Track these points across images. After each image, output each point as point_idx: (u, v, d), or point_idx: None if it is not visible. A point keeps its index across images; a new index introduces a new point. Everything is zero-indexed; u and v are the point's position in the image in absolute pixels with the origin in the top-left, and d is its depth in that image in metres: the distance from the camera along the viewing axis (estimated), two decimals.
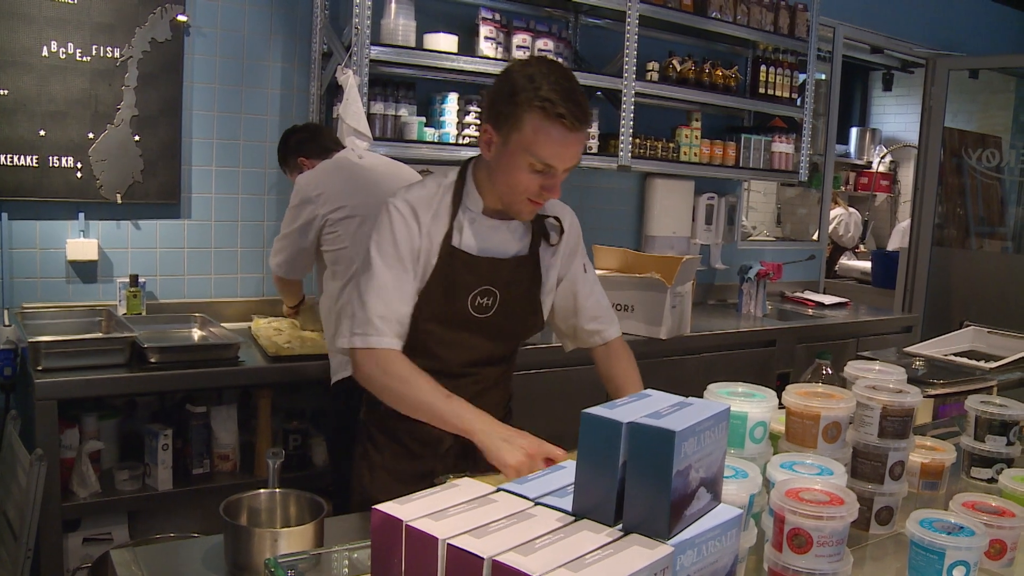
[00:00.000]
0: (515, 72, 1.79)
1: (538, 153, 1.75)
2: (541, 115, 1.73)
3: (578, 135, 1.77)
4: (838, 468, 1.38)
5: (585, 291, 2.10)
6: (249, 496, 1.75)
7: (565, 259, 2.08)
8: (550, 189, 1.81)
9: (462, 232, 1.91)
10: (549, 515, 1.08)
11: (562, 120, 1.72)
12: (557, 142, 1.75)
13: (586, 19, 4.22)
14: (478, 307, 1.93)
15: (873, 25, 5.65)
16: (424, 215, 1.89)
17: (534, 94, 1.73)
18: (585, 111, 1.76)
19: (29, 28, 3.00)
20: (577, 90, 1.76)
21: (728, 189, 4.96)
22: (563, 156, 1.77)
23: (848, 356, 4.29)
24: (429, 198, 1.91)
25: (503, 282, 1.94)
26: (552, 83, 1.74)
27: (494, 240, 1.93)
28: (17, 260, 3.11)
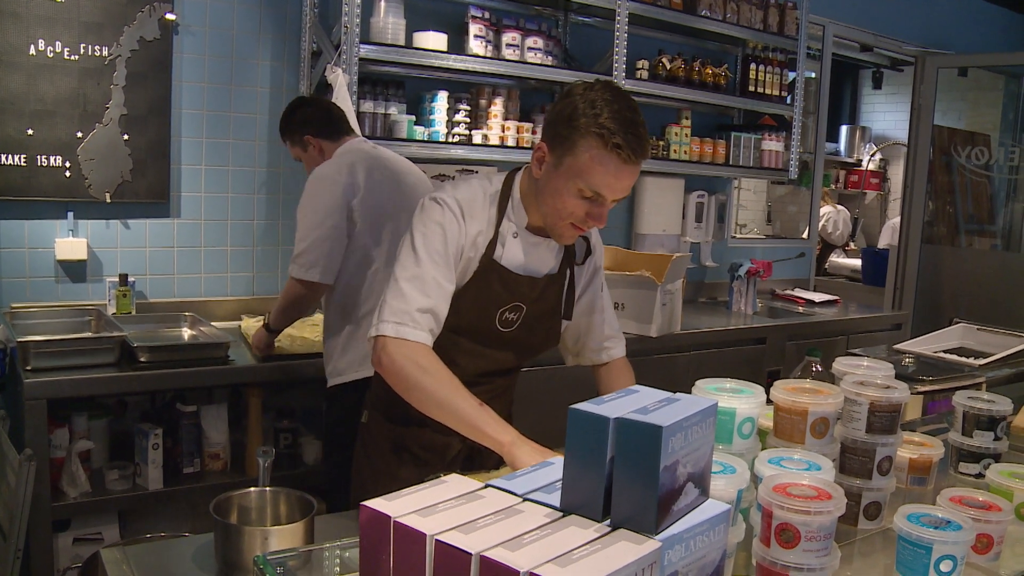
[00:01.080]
0: (577, 95, 1.74)
1: (590, 181, 1.71)
2: (598, 143, 1.68)
3: (632, 167, 1.72)
4: (826, 463, 1.39)
5: (600, 312, 2.10)
6: (239, 495, 1.75)
7: (588, 277, 2.07)
8: (597, 218, 1.77)
9: (504, 246, 1.87)
10: (537, 511, 1.08)
11: (619, 151, 1.68)
12: (611, 172, 1.70)
13: (576, 17, 4.22)
14: (504, 322, 1.91)
15: (863, 23, 5.67)
16: (471, 219, 1.85)
17: (593, 120, 1.68)
18: (643, 143, 1.72)
19: (17, 26, 2.99)
20: (639, 121, 1.72)
21: (718, 187, 4.97)
22: (615, 188, 1.73)
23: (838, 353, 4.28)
24: (477, 203, 1.86)
25: (532, 299, 1.92)
26: (614, 112, 1.69)
27: (533, 257, 1.91)
28: (6, 260, 3.10)
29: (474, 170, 4.03)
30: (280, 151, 3.56)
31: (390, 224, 2.77)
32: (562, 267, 1.97)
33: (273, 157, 3.56)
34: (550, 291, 1.95)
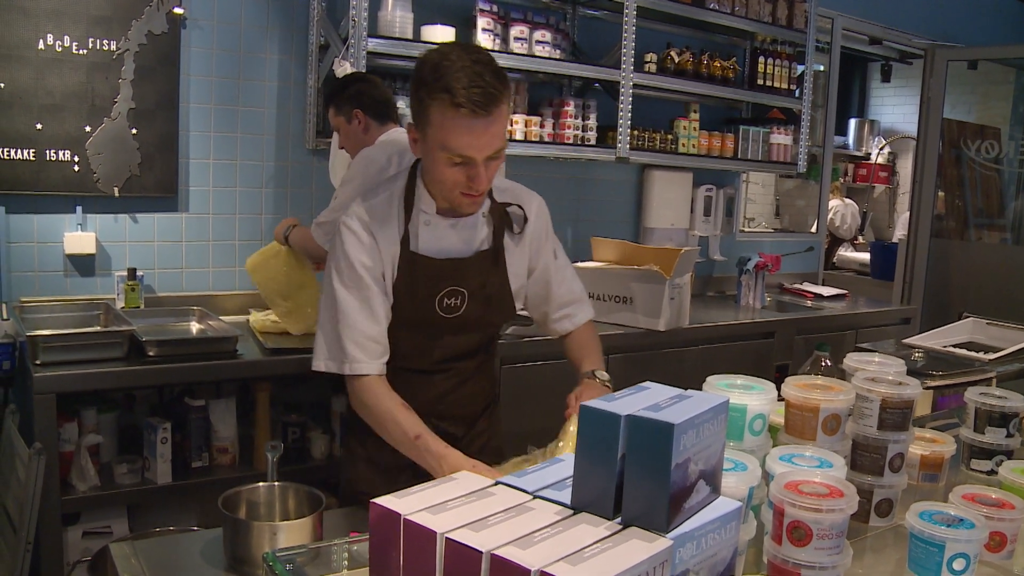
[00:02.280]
0: (422, 62, 1.72)
1: (449, 145, 1.68)
2: (443, 105, 1.65)
3: (485, 121, 1.66)
4: (838, 460, 1.38)
5: (558, 278, 2.09)
6: (248, 489, 1.76)
7: (534, 247, 2.03)
8: (475, 179, 1.73)
9: (418, 236, 1.87)
10: (548, 508, 1.08)
11: (462, 108, 1.63)
12: (465, 131, 1.66)
13: (584, 10, 4.20)
14: (446, 308, 1.91)
15: (871, 16, 5.63)
16: (377, 227, 1.85)
17: (436, 83, 1.65)
18: (489, 93, 1.64)
19: (26, 21, 2.99)
20: (484, 71, 1.66)
21: (726, 181, 4.95)
22: (475, 146, 1.68)
23: (847, 348, 4.28)
24: (381, 208, 1.87)
25: (469, 280, 1.91)
26: (456, 69, 1.65)
27: (452, 240, 1.89)
28: (15, 254, 3.10)
29: None
30: (288, 144, 3.57)
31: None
32: (495, 240, 1.94)
33: (281, 151, 3.56)
34: (487, 268, 1.93)
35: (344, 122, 2.91)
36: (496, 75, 1.69)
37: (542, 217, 2.06)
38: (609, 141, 3.99)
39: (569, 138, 3.86)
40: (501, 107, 1.69)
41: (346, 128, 2.92)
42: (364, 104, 2.88)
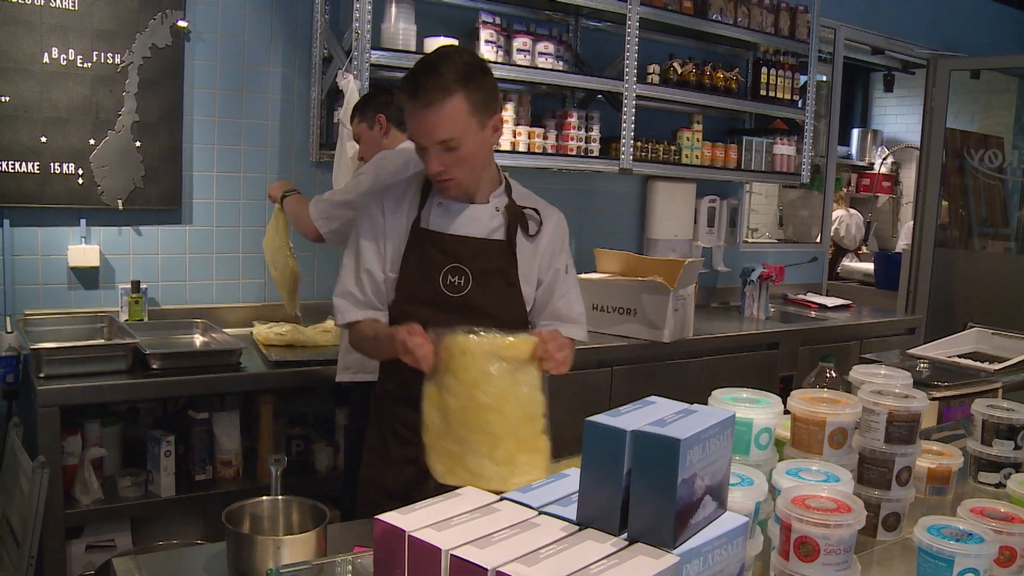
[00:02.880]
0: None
1: (409, 131, 1.92)
2: (402, 95, 1.88)
3: (427, 108, 1.81)
4: (844, 474, 1.37)
5: (561, 291, 2.12)
6: (251, 503, 1.75)
7: (547, 257, 2.09)
8: (427, 163, 1.91)
9: (431, 215, 2.02)
10: (553, 524, 1.08)
11: (410, 97, 1.84)
12: (412, 117, 1.87)
13: (587, 22, 4.21)
14: (450, 286, 1.99)
15: (874, 26, 5.64)
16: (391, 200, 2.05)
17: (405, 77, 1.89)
18: (428, 81, 1.80)
19: (30, 35, 3.00)
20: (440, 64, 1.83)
21: (730, 191, 4.95)
22: (419, 132, 1.86)
23: (852, 358, 4.28)
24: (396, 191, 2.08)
25: (472, 260, 1.99)
26: (420, 63, 1.89)
27: (464, 220, 2.01)
28: (19, 267, 3.10)
29: None
30: (292, 157, 3.57)
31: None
32: (508, 234, 2.03)
33: (284, 163, 3.56)
34: (493, 255, 2.02)
35: (366, 128, 2.92)
36: (452, 69, 1.83)
37: (560, 231, 2.13)
38: (612, 152, 3.99)
39: (572, 150, 3.86)
40: (446, 98, 1.82)
41: (367, 134, 2.93)
42: (389, 111, 2.90)
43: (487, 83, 1.92)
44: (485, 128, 1.92)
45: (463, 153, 1.88)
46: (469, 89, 1.84)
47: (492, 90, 1.94)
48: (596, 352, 3.54)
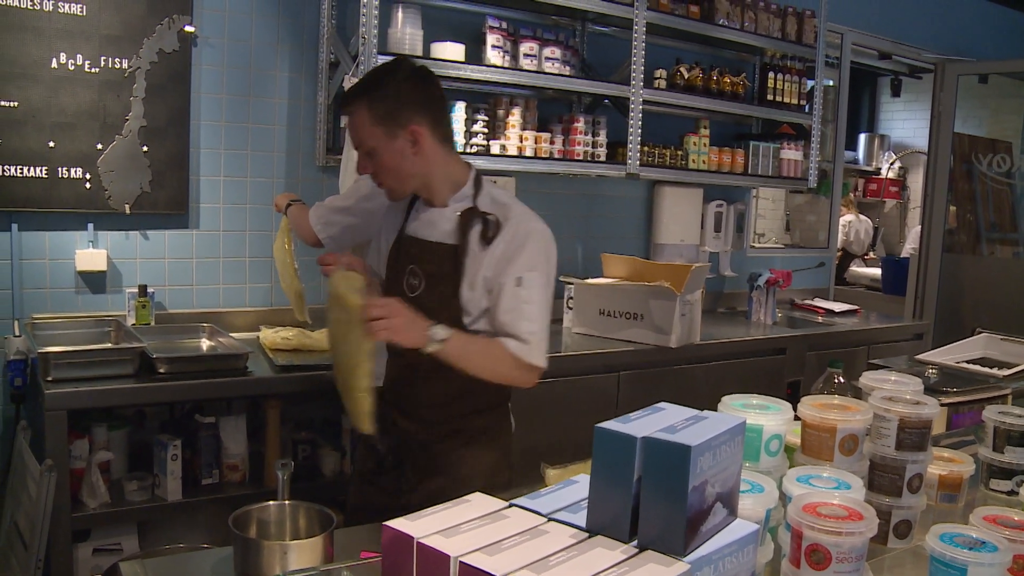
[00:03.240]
0: None
1: None
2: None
3: (347, 116, 2.06)
4: (856, 482, 1.36)
5: (507, 305, 2.01)
6: (258, 508, 1.75)
7: (499, 264, 2.01)
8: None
9: (410, 220, 2.15)
10: (562, 531, 1.07)
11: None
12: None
13: (593, 27, 4.21)
14: (409, 286, 2.10)
15: (881, 31, 5.63)
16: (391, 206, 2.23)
17: None
18: (353, 91, 2.02)
19: (39, 40, 3.01)
20: (368, 75, 2.06)
21: (737, 196, 4.94)
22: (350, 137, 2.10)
23: (859, 364, 4.26)
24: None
25: (424, 263, 2.07)
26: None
27: (421, 223, 2.12)
28: (27, 271, 3.11)
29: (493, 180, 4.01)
30: (299, 162, 3.57)
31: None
32: (459, 238, 2.04)
33: (291, 168, 3.56)
34: (442, 258, 2.05)
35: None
36: (361, 82, 2.04)
37: (519, 240, 2.02)
38: (619, 157, 3.99)
39: (579, 154, 3.85)
40: (351, 109, 2.01)
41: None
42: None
43: (394, 93, 1.97)
44: (396, 138, 1.97)
45: (380, 161, 2.01)
46: (372, 100, 1.96)
47: (401, 101, 1.98)
48: (603, 357, 3.54)
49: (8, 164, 3.00)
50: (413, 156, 2.01)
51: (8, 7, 2.94)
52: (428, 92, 2.05)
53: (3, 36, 2.95)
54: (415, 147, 1.99)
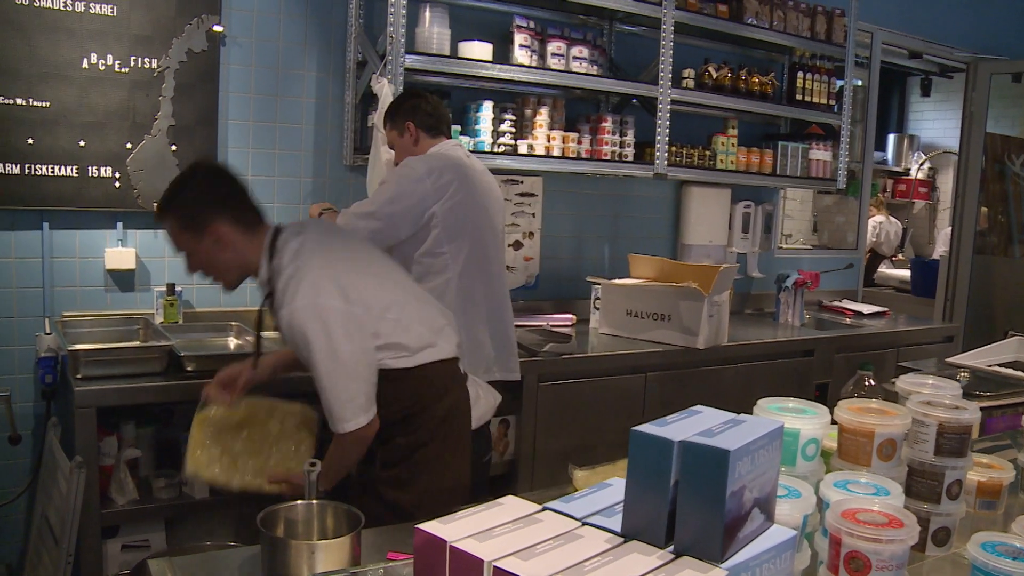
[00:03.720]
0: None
1: None
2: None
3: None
4: (895, 488, 1.33)
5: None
6: (286, 507, 1.75)
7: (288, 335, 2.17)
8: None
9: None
10: (597, 536, 1.05)
11: None
12: None
13: (621, 26, 4.18)
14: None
15: (912, 30, 5.56)
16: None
17: None
18: (157, 207, 2.22)
19: (71, 41, 3.03)
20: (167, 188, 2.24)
21: (765, 197, 4.89)
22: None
23: (888, 366, 4.21)
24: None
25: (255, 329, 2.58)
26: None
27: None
28: (57, 269, 3.13)
29: (519, 180, 4.01)
30: (326, 161, 3.58)
31: (469, 241, 2.83)
32: (261, 308, 2.37)
33: (319, 167, 3.57)
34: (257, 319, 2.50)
35: (397, 136, 2.94)
36: (166, 194, 2.21)
37: (290, 327, 2.11)
38: (647, 157, 3.96)
39: (607, 154, 3.83)
40: (162, 223, 2.23)
41: (399, 141, 2.95)
42: (417, 117, 2.92)
43: (192, 199, 2.17)
44: (203, 239, 2.16)
45: (197, 261, 2.22)
46: (174, 210, 2.17)
47: (199, 205, 2.16)
48: (630, 358, 3.52)
49: (40, 163, 3.03)
50: (222, 252, 2.19)
51: (41, 8, 2.97)
52: (222, 190, 2.21)
53: (36, 37, 2.98)
54: (220, 244, 2.17)
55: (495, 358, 2.89)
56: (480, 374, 2.82)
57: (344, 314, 2.08)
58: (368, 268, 2.28)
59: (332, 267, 2.15)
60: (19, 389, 3.07)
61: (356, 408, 2.10)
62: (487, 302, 2.88)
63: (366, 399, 2.11)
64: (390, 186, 2.78)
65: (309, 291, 2.07)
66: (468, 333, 2.81)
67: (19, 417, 3.04)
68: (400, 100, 2.99)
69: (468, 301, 2.83)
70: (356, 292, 2.13)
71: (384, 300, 2.20)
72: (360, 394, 2.10)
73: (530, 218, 4.08)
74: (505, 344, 2.95)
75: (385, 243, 2.80)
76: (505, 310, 2.97)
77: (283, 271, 2.15)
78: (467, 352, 2.79)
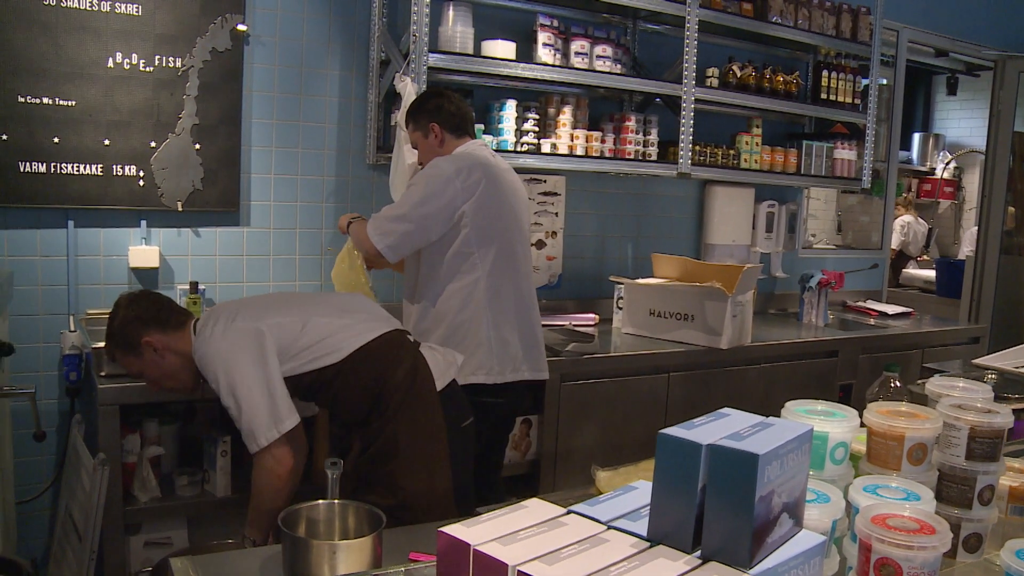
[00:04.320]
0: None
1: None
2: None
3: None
4: (925, 493, 1.31)
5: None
6: (308, 507, 1.75)
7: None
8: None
9: None
10: (623, 540, 1.04)
11: None
12: None
13: (644, 25, 4.16)
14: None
15: (938, 27, 5.49)
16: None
17: None
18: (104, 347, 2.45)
19: (96, 40, 3.05)
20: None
21: (789, 196, 4.85)
22: None
23: (913, 367, 4.17)
24: None
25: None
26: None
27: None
28: (82, 267, 3.15)
29: (542, 179, 4.00)
30: (349, 159, 3.58)
31: (497, 240, 2.82)
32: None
33: (342, 166, 3.57)
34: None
35: (421, 136, 2.92)
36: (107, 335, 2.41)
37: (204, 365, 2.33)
38: (670, 156, 3.94)
39: (630, 153, 3.81)
40: (113, 356, 2.46)
41: (423, 142, 2.93)
42: (441, 117, 2.89)
43: (120, 326, 2.38)
44: (142, 356, 2.38)
45: (149, 378, 2.44)
46: (112, 341, 2.42)
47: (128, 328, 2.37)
48: (653, 358, 3.50)
49: (65, 162, 3.05)
50: (163, 359, 2.38)
51: (68, 8, 2.99)
52: (140, 309, 2.38)
53: (63, 37, 3.00)
54: (158, 352, 2.36)
55: (523, 357, 2.88)
56: (508, 373, 2.81)
57: (246, 333, 2.28)
58: (280, 299, 2.55)
59: (242, 305, 2.43)
60: (44, 386, 3.09)
61: (266, 422, 2.24)
62: (515, 301, 2.87)
63: (273, 413, 2.24)
64: (419, 188, 2.76)
65: (211, 326, 2.32)
66: (496, 332, 2.80)
67: (44, 414, 3.06)
68: (422, 100, 2.96)
69: (496, 300, 2.81)
70: (264, 317, 2.33)
71: (291, 311, 2.39)
72: (267, 408, 2.24)
73: (553, 217, 4.07)
74: (533, 343, 2.93)
75: (416, 246, 2.79)
76: (532, 309, 2.95)
77: (197, 332, 2.37)
78: (495, 351, 2.78)
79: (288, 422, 2.24)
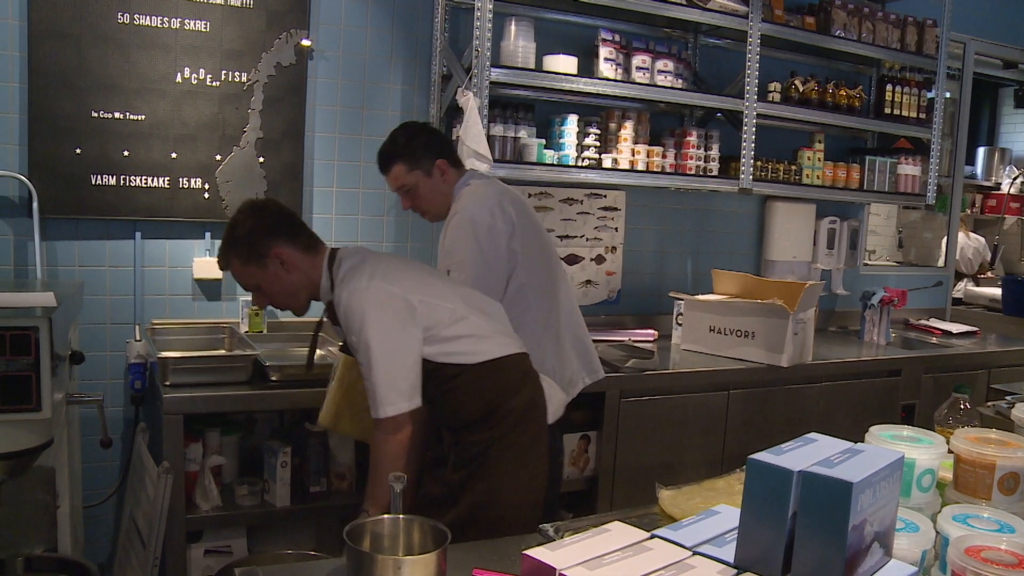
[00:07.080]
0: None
1: None
2: None
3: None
4: (1020, 524, 1.26)
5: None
6: (372, 521, 1.74)
7: (348, 335, 2.27)
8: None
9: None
10: (710, 567, 1.02)
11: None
12: None
13: (706, 39, 4.13)
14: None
15: (1007, 38, 5.35)
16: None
17: None
18: (218, 257, 2.34)
19: (166, 56, 3.11)
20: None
21: (851, 213, 4.77)
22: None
23: (979, 388, 4.05)
24: None
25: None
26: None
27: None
28: (148, 278, 3.21)
29: (603, 194, 3.98)
30: None
31: (539, 263, 2.78)
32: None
33: None
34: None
35: (423, 177, 2.74)
36: (223, 243, 2.31)
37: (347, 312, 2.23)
38: (731, 172, 3.89)
39: (691, 169, 3.77)
40: (227, 267, 2.33)
41: (427, 183, 2.75)
42: (445, 152, 2.78)
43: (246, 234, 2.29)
44: (267, 267, 2.29)
45: (268, 291, 2.34)
46: (233, 248, 2.30)
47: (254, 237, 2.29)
48: (713, 375, 3.45)
49: (134, 175, 3.12)
50: (288, 275, 2.29)
51: (140, 26, 3.06)
52: (271, 218, 2.31)
53: (135, 53, 3.07)
54: (285, 266, 2.27)
55: (579, 366, 2.86)
56: (568, 388, 2.78)
57: (399, 300, 2.18)
58: (430, 275, 2.39)
59: (392, 267, 2.29)
60: (110, 394, 3.15)
61: (398, 393, 2.15)
62: (564, 317, 2.84)
63: (409, 387, 2.16)
64: (467, 249, 2.61)
65: (365, 279, 2.19)
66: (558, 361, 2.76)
67: (110, 421, 3.12)
68: (411, 138, 2.76)
69: (549, 323, 2.76)
70: (419, 292, 2.22)
71: (447, 296, 2.28)
72: (403, 380, 2.16)
73: (612, 232, 4.05)
74: (585, 350, 2.90)
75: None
76: (575, 314, 2.90)
77: (343, 273, 2.26)
78: (557, 371, 2.75)
79: (417, 399, 2.19)
